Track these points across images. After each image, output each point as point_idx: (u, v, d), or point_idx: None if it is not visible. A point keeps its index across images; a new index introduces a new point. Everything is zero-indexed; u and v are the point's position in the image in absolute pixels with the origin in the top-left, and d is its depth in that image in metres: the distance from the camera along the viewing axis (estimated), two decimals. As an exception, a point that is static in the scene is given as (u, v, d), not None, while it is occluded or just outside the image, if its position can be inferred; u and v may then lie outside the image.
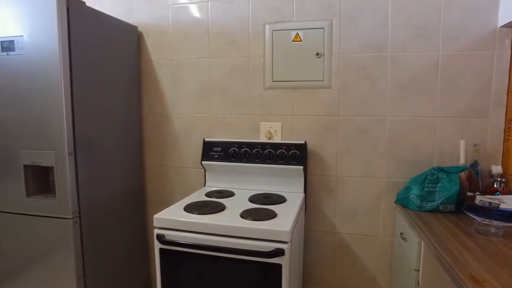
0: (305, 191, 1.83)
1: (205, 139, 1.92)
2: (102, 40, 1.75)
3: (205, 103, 2.00)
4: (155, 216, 1.42)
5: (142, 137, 2.14)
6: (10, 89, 1.58)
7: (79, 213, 1.61)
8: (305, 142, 1.81)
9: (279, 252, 1.25)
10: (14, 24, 1.53)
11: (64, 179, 1.55)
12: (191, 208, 1.49)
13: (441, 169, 1.56)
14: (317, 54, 1.80)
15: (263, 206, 1.56)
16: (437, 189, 1.51)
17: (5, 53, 1.56)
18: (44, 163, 1.58)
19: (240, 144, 1.85)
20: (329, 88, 1.81)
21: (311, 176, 1.89)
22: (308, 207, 1.90)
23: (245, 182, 1.87)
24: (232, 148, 1.85)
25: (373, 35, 1.73)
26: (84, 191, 1.64)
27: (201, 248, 1.34)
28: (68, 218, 1.57)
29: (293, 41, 1.83)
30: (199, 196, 1.74)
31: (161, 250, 1.41)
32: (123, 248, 1.95)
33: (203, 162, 1.89)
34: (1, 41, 1.55)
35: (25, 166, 1.61)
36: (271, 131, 1.91)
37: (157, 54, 2.06)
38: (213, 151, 1.88)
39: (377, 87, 1.75)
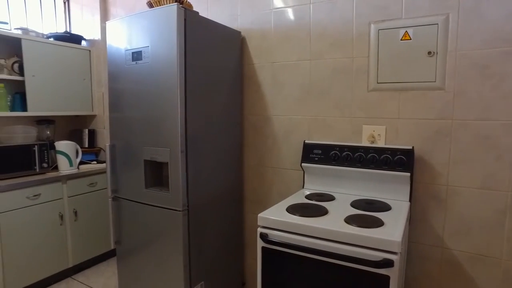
0: (410, 200, 1.71)
1: (306, 141, 1.93)
2: (211, 46, 1.88)
3: (306, 105, 2.00)
4: (259, 215, 1.47)
5: (243, 137, 2.24)
6: (137, 92, 1.80)
7: (187, 206, 1.75)
8: (413, 147, 1.68)
9: (388, 263, 1.18)
10: (143, 37, 1.74)
11: (177, 174, 1.70)
12: (293, 210, 1.50)
13: None
14: (429, 53, 1.65)
15: (367, 212, 1.50)
16: None
17: (134, 62, 1.78)
18: (160, 159, 1.76)
19: (341, 148, 1.80)
20: (442, 90, 1.65)
21: (418, 184, 1.75)
22: (413, 217, 1.77)
23: (345, 187, 1.82)
24: (333, 151, 1.81)
25: (503, 27, 1.52)
26: (192, 186, 1.77)
27: (303, 251, 1.34)
28: (179, 210, 1.72)
29: (401, 40, 1.72)
30: (299, 198, 1.74)
31: (263, 248, 1.45)
32: (221, 242, 2.07)
33: (303, 164, 1.89)
34: (132, 52, 1.77)
35: (145, 161, 1.82)
36: (374, 135, 1.82)
37: (258, 57, 2.14)
38: (314, 153, 1.87)
39: (504, 87, 1.54)
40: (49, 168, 2.64)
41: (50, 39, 2.81)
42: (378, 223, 1.34)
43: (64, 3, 3.19)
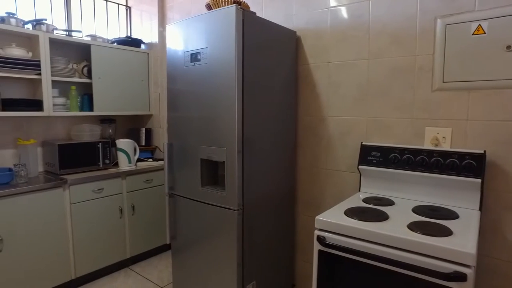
0: (480, 208, 1.57)
1: (363, 143, 1.86)
2: (267, 46, 1.88)
3: (363, 105, 1.93)
4: (317, 217, 1.44)
5: (297, 138, 2.21)
6: (195, 93, 1.86)
7: (242, 205, 1.76)
8: (484, 151, 1.55)
9: (461, 277, 1.10)
10: (201, 38, 1.79)
11: (233, 174, 1.72)
12: (352, 213, 1.45)
13: None
14: (508, 47, 1.51)
15: (432, 220, 1.40)
16: None
17: (193, 63, 1.83)
18: (216, 158, 1.79)
19: (402, 150, 1.71)
20: (521, 88, 1.50)
21: (489, 192, 1.60)
22: (483, 227, 1.63)
23: (405, 191, 1.73)
24: (393, 154, 1.73)
25: None
26: (247, 186, 1.79)
27: (363, 256, 1.29)
28: (234, 210, 1.74)
29: (473, 34, 1.59)
30: (355, 201, 1.68)
31: (320, 252, 1.42)
32: (273, 242, 2.06)
33: (360, 167, 1.82)
34: (191, 53, 1.83)
35: (202, 160, 1.86)
36: (438, 138, 1.70)
37: (314, 57, 2.10)
38: (372, 156, 1.79)
39: None
40: (110, 164, 2.81)
41: (113, 43, 2.99)
42: (446, 232, 1.24)
43: (126, 10, 3.39)
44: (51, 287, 2.34)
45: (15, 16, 2.38)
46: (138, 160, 2.94)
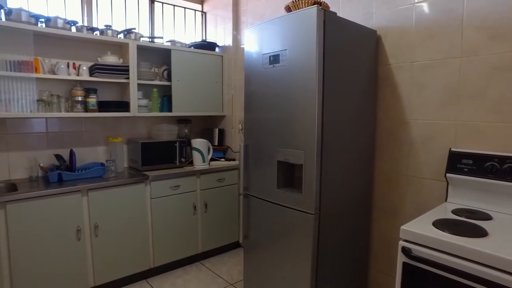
0: None
1: (452, 149, 1.71)
2: (346, 47, 1.82)
3: (452, 108, 1.77)
4: (402, 227, 1.35)
5: (375, 141, 2.12)
6: (272, 95, 1.87)
7: (319, 209, 1.73)
8: None
9: None
10: (281, 40, 1.79)
11: (311, 177, 1.69)
12: (441, 225, 1.34)
13: None
14: None
15: (542, 240, 1.24)
16: None
17: (271, 65, 1.85)
18: (293, 160, 1.79)
19: (502, 159, 1.53)
20: None
21: None
22: None
23: (505, 205, 1.54)
24: (490, 162, 1.56)
25: None
26: (325, 190, 1.75)
27: (457, 274, 1.18)
28: (311, 214, 1.71)
29: None
30: (443, 212, 1.55)
31: (404, 264, 1.33)
32: (346, 248, 1.99)
33: (448, 175, 1.68)
34: (270, 56, 1.85)
35: (279, 162, 1.87)
36: (547, 145, 1.50)
37: (396, 57, 1.99)
38: (462, 163, 1.64)
39: None
40: (185, 163, 2.96)
41: (191, 47, 3.15)
42: None
43: (202, 15, 3.55)
44: (134, 273, 2.55)
45: (111, 27, 2.64)
46: (211, 159, 3.06)
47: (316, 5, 1.66)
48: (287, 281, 1.88)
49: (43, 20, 2.32)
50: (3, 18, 2.20)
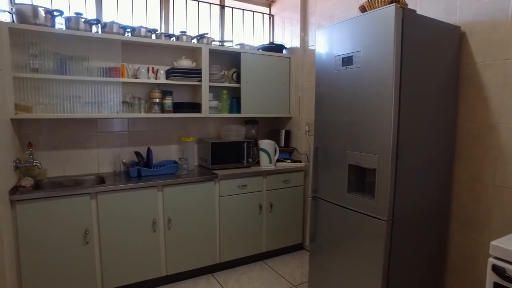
0: None
1: (554, 158, 1.52)
2: (425, 46, 1.72)
3: (554, 111, 1.57)
4: (492, 243, 1.24)
5: (455, 147, 1.96)
6: (345, 97, 1.83)
7: (392, 216, 1.66)
8: None
9: None
10: (355, 41, 1.75)
11: (385, 182, 1.63)
12: (541, 244, 1.20)
13: None
14: None
15: None
16: None
17: (344, 67, 1.81)
18: (365, 164, 1.73)
19: None
20: None
21: None
22: None
23: None
24: None
25: None
26: (399, 196, 1.66)
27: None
28: (384, 220, 1.64)
29: None
30: (541, 228, 1.39)
31: (496, 285, 1.21)
32: (420, 260, 1.87)
33: (549, 187, 1.50)
34: (343, 57, 1.81)
35: (350, 166, 1.82)
36: None
37: (483, 54, 1.82)
38: None
39: None
40: (252, 163, 3.03)
41: (259, 50, 3.21)
42: None
43: (270, 18, 3.60)
44: (201, 266, 2.68)
45: (186, 33, 2.81)
46: (277, 160, 3.09)
47: (394, 4, 1.59)
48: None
49: (129, 30, 2.56)
50: (99, 31, 2.47)
